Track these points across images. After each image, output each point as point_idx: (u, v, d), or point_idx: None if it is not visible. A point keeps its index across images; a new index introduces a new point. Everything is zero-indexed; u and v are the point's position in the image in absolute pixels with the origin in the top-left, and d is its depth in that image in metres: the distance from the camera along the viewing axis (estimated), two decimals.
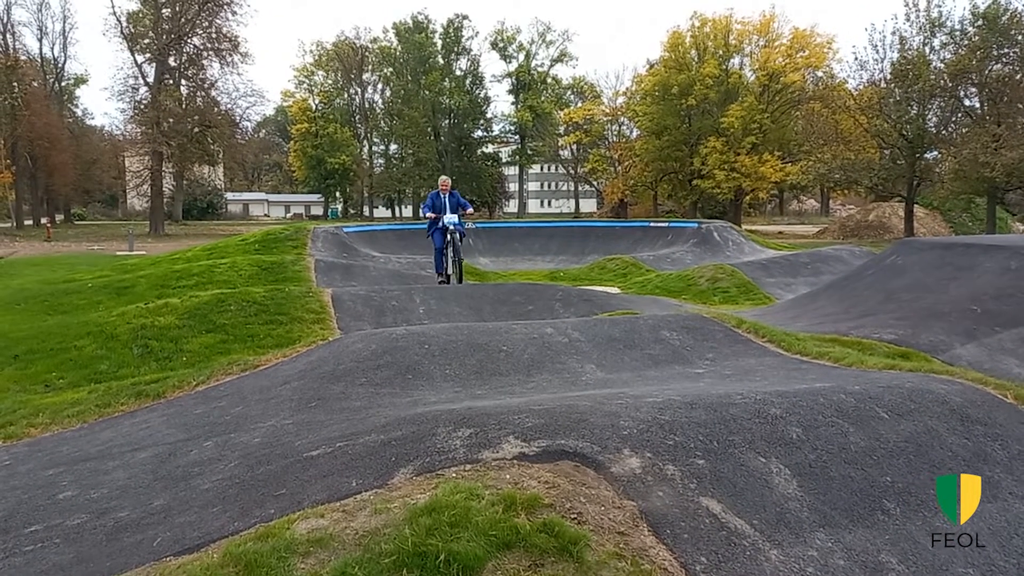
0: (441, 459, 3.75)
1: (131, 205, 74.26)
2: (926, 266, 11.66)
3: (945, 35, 38.47)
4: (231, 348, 9.28)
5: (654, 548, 3.10)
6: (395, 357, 6.42)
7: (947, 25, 38.37)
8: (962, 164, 34.68)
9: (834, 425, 4.12)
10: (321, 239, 22.28)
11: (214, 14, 52.08)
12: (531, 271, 24.06)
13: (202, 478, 4.30)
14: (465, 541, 2.98)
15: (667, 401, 4.36)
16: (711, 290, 17.01)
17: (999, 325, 9.49)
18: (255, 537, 3.20)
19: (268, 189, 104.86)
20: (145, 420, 5.96)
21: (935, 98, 39.10)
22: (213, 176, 76.40)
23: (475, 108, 75.29)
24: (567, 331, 7.32)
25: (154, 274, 15.71)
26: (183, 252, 22.89)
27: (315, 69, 74.45)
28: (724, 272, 18.03)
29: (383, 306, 11.36)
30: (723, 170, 47.57)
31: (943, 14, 38.56)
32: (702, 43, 52.84)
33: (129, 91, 51.80)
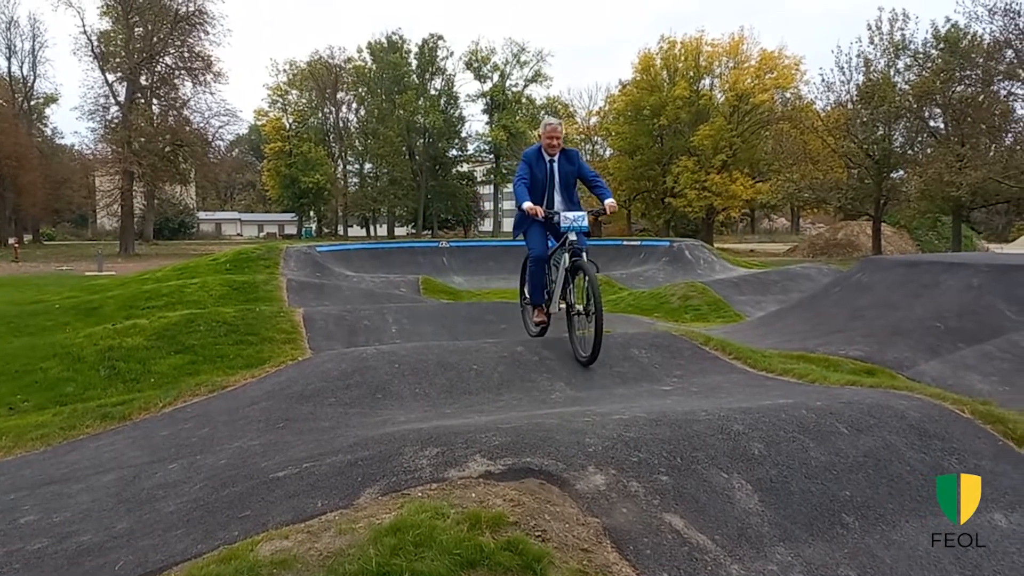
0: (407, 478, 3.75)
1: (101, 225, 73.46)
2: (891, 284, 11.86)
3: (909, 57, 39.37)
4: (200, 369, 9.20)
5: (617, 564, 3.12)
6: (365, 377, 6.41)
7: (910, 48, 39.28)
8: (928, 183, 35.40)
9: (795, 440, 4.18)
10: (294, 258, 22.20)
11: (187, 33, 51.91)
12: (505, 290, 24.08)
13: (167, 500, 4.26)
14: (429, 560, 2.98)
15: (633, 418, 4.40)
16: (683, 308, 17.16)
17: (962, 341, 9.67)
18: (218, 559, 3.18)
19: (241, 208, 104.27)
20: (110, 443, 5.90)
21: (900, 119, 39.95)
22: (185, 195, 75.80)
23: (450, 127, 75.58)
24: (538, 349, 7.36)
25: (123, 295, 15.55)
26: (153, 272, 22.69)
27: (289, 88, 74.42)
28: (695, 290, 18.21)
29: (355, 326, 11.33)
30: (695, 189, 48.18)
31: (906, 37, 39.47)
32: (673, 64, 53.61)
33: (100, 110, 51.43)
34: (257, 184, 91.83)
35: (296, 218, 79.44)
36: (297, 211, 76.19)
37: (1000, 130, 37.82)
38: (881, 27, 39.41)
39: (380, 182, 75.23)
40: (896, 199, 40.69)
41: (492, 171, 78.52)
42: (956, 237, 40.67)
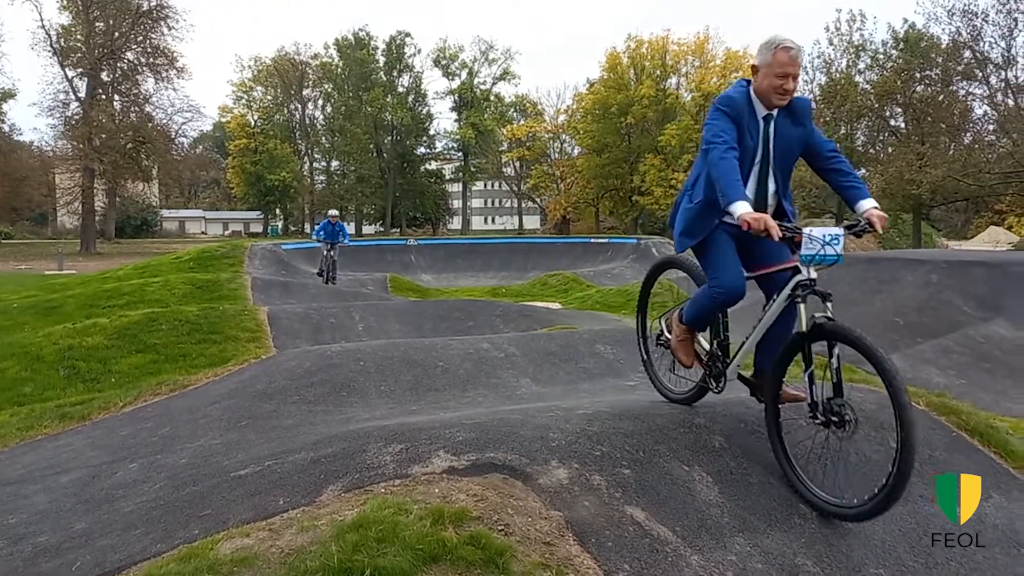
0: (371, 475, 3.75)
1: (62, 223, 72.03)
2: (852, 280, 12.07)
3: (868, 58, 40.02)
4: (162, 368, 9.09)
5: (579, 557, 3.15)
6: (329, 374, 6.38)
7: (869, 48, 39.94)
8: (889, 182, 36.01)
9: (755, 433, 4.24)
10: (259, 256, 21.99)
11: (149, 29, 51.08)
12: (474, 287, 24.11)
13: (126, 500, 4.21)
14: (392, 556, 2.98)
15: (596, 413, 4.44)
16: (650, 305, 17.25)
17: (920, 336, 9.89)
18: (177, 559, 3.15)
19: (206, 206, 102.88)
20: (69, 443, 5.81)
21: (862, 118, 40.65)
22: (148, 193, 74.62)
23: (418, 125, 75.28)
24: (504, 346, 7.38)
25: (83, 293, 15.29)
26: (114, 271, 22.33)
27: (254, 84, 73.59)
28: (662, 287, 18.32)
29: (321, 324, 11.26)
30: (662, 187, 48.52)
31: (864, 38, 40.14)
32: (639, 63, 53.94)
33: (60, 106, 50.38)
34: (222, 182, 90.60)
35: (262, 216, 78.62)
36: (263, 209, 75.39)
37: (959, 129, 38.62)
38: (840, 28, 40.10)
39: (347, 180, 74.69)
40: None
41: (461, 169, 78.41)
42: (916, 234, 41.49)
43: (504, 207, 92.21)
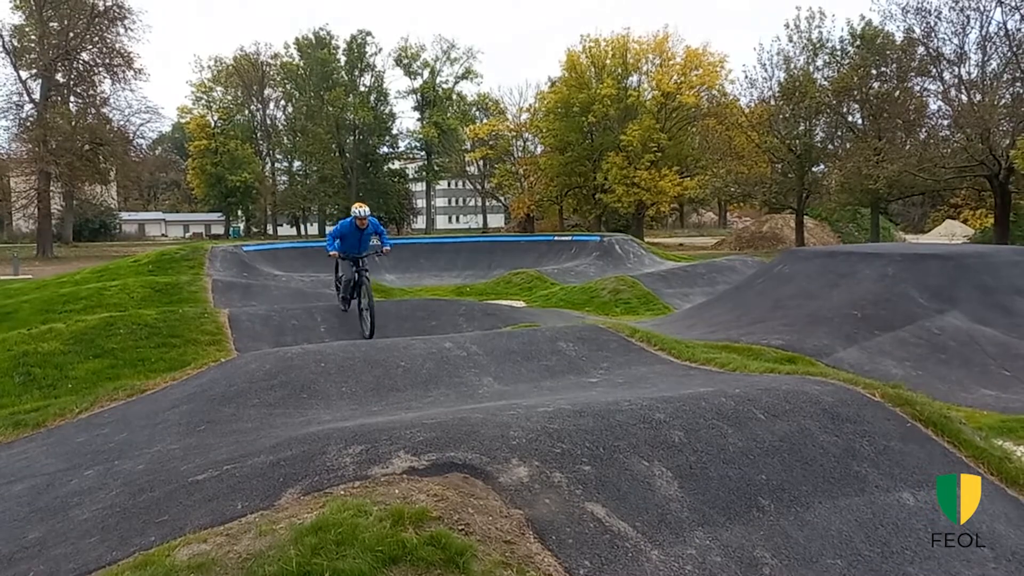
0: (330, 477, 3.72)
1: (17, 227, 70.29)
2: (811, 274, 12.24)
3: (827, 55, 40.55)
4: (120, 373, 8.92)
5: (540, 555, 3.16)
6: (290, 376, 6.32)
7: (828, 45, 40.47)
8: (847, 177, 36.52)
9: (714, 427, 4.29)
10: (219, 258, 21.68)
11: (105, 29, 50.05)
12: (438, 287, 24.01)
13: (81, 508, 4.13)
14: (351, 559, 2.97)
15: (557, 410, 4.45)
16: (613, 302, 17.37)
17: (878, 329, 10.05)
18: (133, 566, 3.11)
19: (166, 208, 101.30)
20: (23, 451, 5.68)
21: (821, 114, 41.14)
22: (106, 195, 73.10)
23: (380, 124, 74.82)
24: (466, 345, 7.36)
25: (39, 298, 14.95)
26: (71, 275, 21.88)
27: (213, 85, 72.59)
28: (625, 284, 18.45)
29: (283, 326, 11.15)
30: (623, 185, 48.74)
31: (823, 35, 40.66)
32: (600, 61, 54.10)
33: (13, 108, 49.13)
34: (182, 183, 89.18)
35: (223, 218, 77.54)
36: (224, 210, 74.36)
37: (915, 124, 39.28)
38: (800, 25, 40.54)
39: (310, 180, 73.98)
40: (818, 192, 41.88)
41: (424, 168, 78.08)
42: (875, 228, 42.16)
43: (468, 206, 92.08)
